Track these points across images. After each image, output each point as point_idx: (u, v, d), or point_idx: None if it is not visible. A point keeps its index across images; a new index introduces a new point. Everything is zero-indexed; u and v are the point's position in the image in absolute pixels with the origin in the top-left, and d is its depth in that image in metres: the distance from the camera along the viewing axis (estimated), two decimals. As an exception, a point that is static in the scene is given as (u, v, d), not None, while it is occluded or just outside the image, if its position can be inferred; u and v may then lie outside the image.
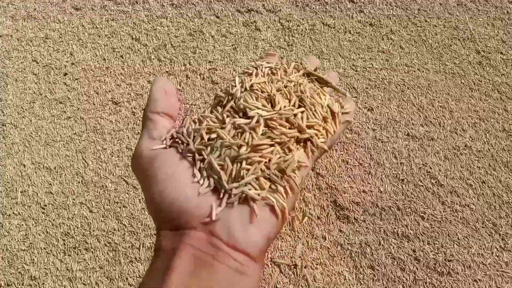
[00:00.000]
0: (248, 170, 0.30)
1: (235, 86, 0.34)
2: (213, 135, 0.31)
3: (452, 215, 0.71)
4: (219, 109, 0.34)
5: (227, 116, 0.33)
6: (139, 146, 0.32)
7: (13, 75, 0.89)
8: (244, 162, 0.30)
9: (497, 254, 0.68)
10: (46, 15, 0.97)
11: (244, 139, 0.31)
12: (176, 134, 0.32)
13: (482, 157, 0.76)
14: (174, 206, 0.28)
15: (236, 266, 0.26)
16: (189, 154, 0.31)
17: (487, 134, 0.78)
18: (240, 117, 0.33)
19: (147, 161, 0.31)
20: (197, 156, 0.31)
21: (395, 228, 0.70)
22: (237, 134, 0.32)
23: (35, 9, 0.98)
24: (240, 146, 0.30)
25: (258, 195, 0.29)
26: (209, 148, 0.31)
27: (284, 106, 0.33)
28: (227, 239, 0.27)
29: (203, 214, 0.28)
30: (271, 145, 0.31)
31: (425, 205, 0.72)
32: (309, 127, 0.33)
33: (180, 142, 0.32)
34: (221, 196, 0.29)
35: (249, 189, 0.29)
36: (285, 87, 0.35)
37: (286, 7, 0.95)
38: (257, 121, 0.32)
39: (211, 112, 0.34)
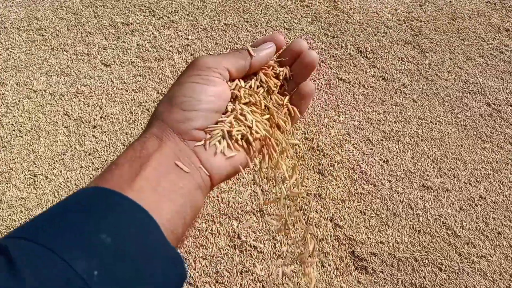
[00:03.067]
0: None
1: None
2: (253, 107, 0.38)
3: (470, 267, 0.72)
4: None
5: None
6: (214, 58, 0.36)
7: (46, 128, 0.95)
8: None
9: (516, 307, 0.69)
10: (78, 71, 1.03)
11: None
12: (241, 83, 0.38)
13: (497, 208, 0.78)
14: (186, 113, 0.33)
15: (199, 182, 0.32)
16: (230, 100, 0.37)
17: (501, 186, 0.80)
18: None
19: (205, 72, 0.35)
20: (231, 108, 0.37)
21: (412, 279, 0.71)
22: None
23: (68, 65, 1.05)
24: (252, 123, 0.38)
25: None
26: (245, 111, 0.37)
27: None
28: (204, 162, 0.33)
29: (198, 137, 0.33)
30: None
31: (442, 256, 0.73)
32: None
33: (237, 88, 0.37)
34: (211, 135, 0.35)
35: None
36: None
37: (302, 62, 1.00)
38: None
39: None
